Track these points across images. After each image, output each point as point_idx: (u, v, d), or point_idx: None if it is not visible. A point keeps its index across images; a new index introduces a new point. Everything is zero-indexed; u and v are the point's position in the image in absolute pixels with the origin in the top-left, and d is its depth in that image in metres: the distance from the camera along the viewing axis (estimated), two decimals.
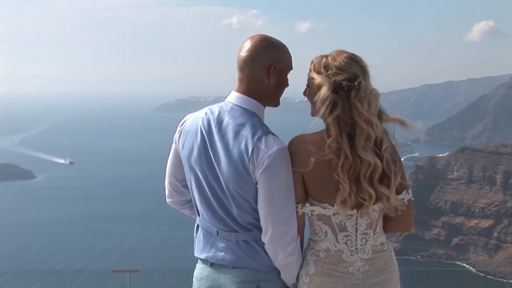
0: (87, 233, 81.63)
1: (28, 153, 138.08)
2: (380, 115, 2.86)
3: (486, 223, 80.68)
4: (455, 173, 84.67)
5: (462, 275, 60.76)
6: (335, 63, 2.84)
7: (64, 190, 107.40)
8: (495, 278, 53.44)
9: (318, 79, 2.86)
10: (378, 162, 2.79)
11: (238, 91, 2.99)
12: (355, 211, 2.85)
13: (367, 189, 2.78)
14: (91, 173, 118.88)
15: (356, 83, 2.81)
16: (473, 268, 64.23)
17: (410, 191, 2.92)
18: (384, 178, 2.82)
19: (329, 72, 2.83)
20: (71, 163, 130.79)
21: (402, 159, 3.02)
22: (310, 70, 2.93)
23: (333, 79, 2.81)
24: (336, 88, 2.82)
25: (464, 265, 67.60)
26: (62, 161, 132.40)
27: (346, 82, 2.81)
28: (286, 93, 3.11)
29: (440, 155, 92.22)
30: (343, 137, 2.80)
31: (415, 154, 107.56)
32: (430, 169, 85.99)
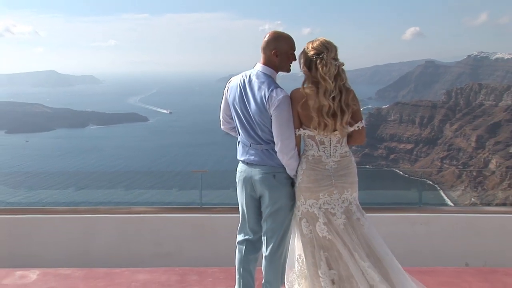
0: (184, 153, 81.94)
1: (144, 106, 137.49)
2: (337, 77, 2.80)
3: (409, 146, 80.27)
4: (392, 117, 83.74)
5: (395, 175, 60.85)
6: (312, 45, 2.83)
7: (167, 128, 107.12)
8: (414, 178, 53.04)
9: (301, 56, 2.89)
10: (332, 104, 2.77)
11: (261, 63, 2.97)
12: (329, 133, 2.83)
13: (324, 120, 2.78)
14: (183, 118, 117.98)
15: (321, 56, 2.78)
16: (401, 172, 63.88)
17: (363, 121, 2.90)
18: (338, 114, 2.79)
19: (308, 49, 2.83)
20: (170, 112, 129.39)
21: (361, 109, 2.98)
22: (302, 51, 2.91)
23: (308, 54, 2.82)
24: (309, 60, 2.82)
25: (397, 170, 67.17)
26: (165, 111, 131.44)
27: (315, 55, 2.79)
28: (292, 69, 3.03)
29: (384, 106, 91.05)
30: (313, 88, 2.80)
31: (369, 106, 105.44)
32: (377, 115, 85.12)
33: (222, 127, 3.20)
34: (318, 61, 2.79)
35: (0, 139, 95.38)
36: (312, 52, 2.81)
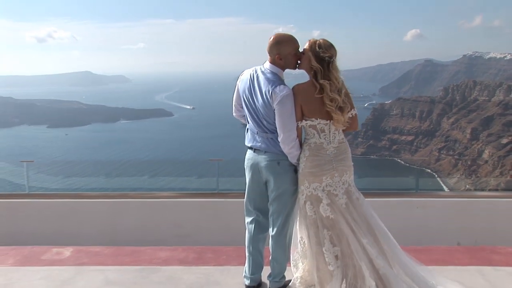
0: (204, 144, 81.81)
1: (169, 102, 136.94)
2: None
3: (410, 138, 79.51)
4: (394, 111, 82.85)
5: (397, 165, 60.07)
6: (325, 45, 2.78)
7: (189, 122, 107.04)
8: (414, 166, 52.41)
9: (308, 52, 2.81)
10: (340, 99, 2.76)
11: (269, 61, 2.91)
12: (329, 121, 2.82)
13: (335, 113, 2.78)
14: (204, 112, 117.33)
15: (332, 59, 2.77)
16: (403, 161, 63.03)
17: (355, 109, 2.87)
18: (343, 107, 2.78)
19: (321, 49, 2.77)
20: (193, 108, 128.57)
21: (366, 105, 2.99)
22: (307, 47, 2.83)
23: (322, 54, 2.76)
24: (321, 60, 2.77)
25: (398, 160, 66.42)
26: (188, 107, 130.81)
27: (328, 58, 2.76)
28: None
29: (386, 102, 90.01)
30: (326, 86, 2.76)
31: (373, 102, 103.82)
32: (381, 109, 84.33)
33: (233, 114, 3.16)
34: (331, 64, 2.77)
35: (43, 133, 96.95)
36: (326, 54, 2.76)
